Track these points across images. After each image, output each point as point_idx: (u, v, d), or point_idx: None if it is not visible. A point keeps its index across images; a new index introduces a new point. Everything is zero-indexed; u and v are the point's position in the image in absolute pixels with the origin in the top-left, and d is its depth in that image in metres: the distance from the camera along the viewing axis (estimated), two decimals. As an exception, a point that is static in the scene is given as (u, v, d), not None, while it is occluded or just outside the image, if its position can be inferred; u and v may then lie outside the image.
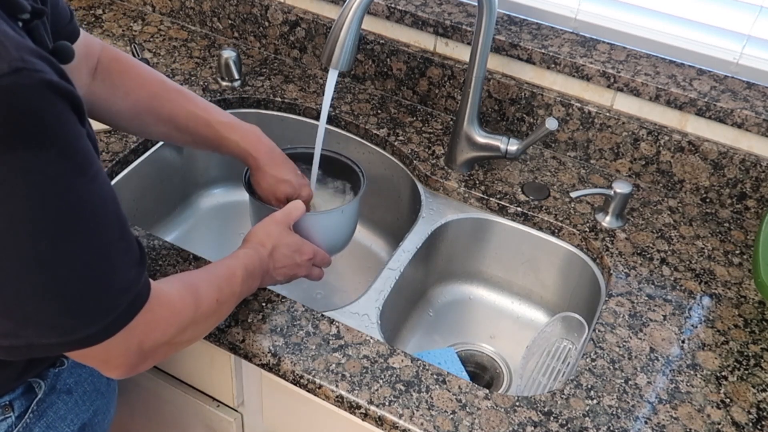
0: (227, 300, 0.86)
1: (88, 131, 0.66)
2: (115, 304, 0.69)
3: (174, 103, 1.01)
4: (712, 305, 1.04)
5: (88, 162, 0.64)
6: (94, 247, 0.66)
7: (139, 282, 0.71)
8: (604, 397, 0.90)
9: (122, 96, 0.98)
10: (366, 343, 0.93)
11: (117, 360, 0.73)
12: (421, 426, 0.85)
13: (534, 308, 1.26)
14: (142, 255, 0.73)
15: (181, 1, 1.47)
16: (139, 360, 0.74)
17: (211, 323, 0.85)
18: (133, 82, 0.99)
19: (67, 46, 0.70)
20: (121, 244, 0.69)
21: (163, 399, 1.12)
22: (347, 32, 0.97)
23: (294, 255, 0.97)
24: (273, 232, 0.95)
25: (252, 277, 0.90)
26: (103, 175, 0.67)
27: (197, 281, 0.83)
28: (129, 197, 1.22)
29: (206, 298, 0.81)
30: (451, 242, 1.21)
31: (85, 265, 0.65)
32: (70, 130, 0.62)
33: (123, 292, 0.69)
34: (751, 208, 1.18)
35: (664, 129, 1.18)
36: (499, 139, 1.16)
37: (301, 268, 0.98)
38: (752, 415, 0.90)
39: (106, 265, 0.67)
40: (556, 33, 1.25)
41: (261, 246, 0.93)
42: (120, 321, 0.70)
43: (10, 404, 0.80)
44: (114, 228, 0.68)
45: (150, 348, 0.74)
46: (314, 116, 1.32)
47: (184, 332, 0.78)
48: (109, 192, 0.68)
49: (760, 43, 1.15)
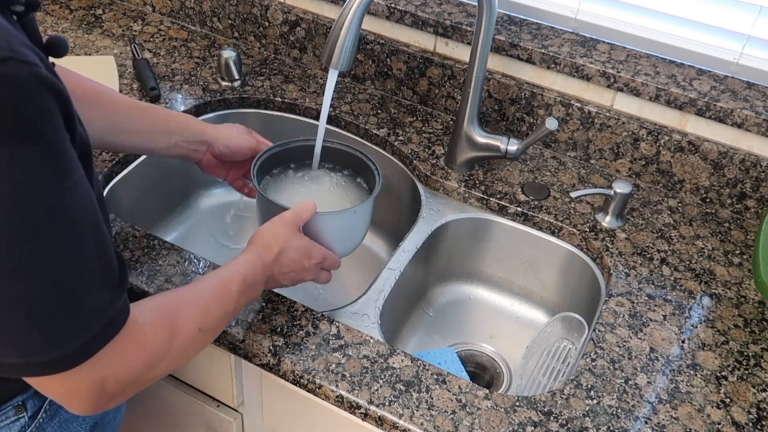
0: (214, 326, 0.80)
1: (80, 134, 0.63)
2: (85, 327, 0.63)
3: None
4: (712, 305, 1.04)
5: (70, 168, 0.60)
6: (67, 260, 0.61)
7: (114, 307, 0.66)
8: (604, 397, 0.90)
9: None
10: (366, 343, 0.93)
11: (81, 395, 0.67)
12: (421, 426, 0.85)
13: (534, 308, 1.26)
14: (122, 279, 0.67)
15: (181, 1, 1.47)
16: (104, 397, 0.68)
17: (191, 353, 0.79)
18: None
19: (62, 39, 0.67)
20: (98, 263, 0.64)
21: (163, 399, 1.13)
22: (347, 32, 0.97)
23: (302, 259, 0.92)
24: (281, 233, 0.91)
25: (253, 286, 0.86)
26: (85, 186, 0.63)
27: (179, 307, 0.76)
28: (129, 197, 1.22)
29: (185, 329, 0.75)
30: (451, 242, 1.21)
31: (55, 278, 0.60)
32: (56, 130, 0.58)
33: (94, 316, 0.64)
34: (751, 208, 1.18)
35: (664, 129, 1.18)
36: (499, 139, 1.16)
37: (308, 272, 0.94)
38: (752, 415, 0.90)
39: (78, 283, 0.62)
40: (556, 33, 1.25)
41: (266, 250, 0.89)
42: (88, 348, 0.64)
43: (23, 404, 0.79)
44: (90, 243, 0.63)
45: (114, 385, 0.68)
46: (314, 116, 1.32)
47: (154, 369, 0.72)
48: (88, 205, 0.63)
49: (760, 43, 1.15)
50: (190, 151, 1.06)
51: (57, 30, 1.43)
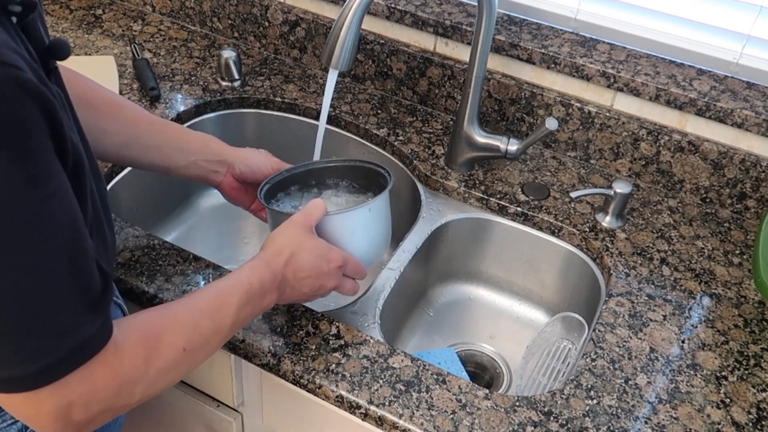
0: (203, 344, 0.74)
1: (73, 143, 0.61)
2: (50, 348, 0.59)
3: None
4: (712, 305, 1.04)
5: (45, 177, 0.56)
6: (31, 275, 0.57)
7: (89, 330, 0.61)
8: (604, 397, 0.90)
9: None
10: (366, 343, 0.93)
11: (47, 418, 0.62)
12: (421, 426, 0.85)
13: (534, 308, 1.26)
14: (102, 301, 0.63)
15: (181, 1, 1.47)
16: (70, 425, 0.63)
17: (173, 377, 0.72)
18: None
19: (64, 42, 0.65)
20: (71, 282, 0.59)
21: (163, 399, 1.13)
22: (347, 32, 0.97)
23: (319, 261, 0.84)
24: (292, 235, 0.85)
25: (260, 296, 0.80)
26: (64, 199, 0.59)
27: (164, 326, 0.71)
28: (129, 197, 1.22)
29: (167, 351, 0.70)
30: (451, 242, 1.21)
31: (18, 293, 0.57)
32: (33, 137, 0.55)
33: (62, 338, 0.59)
34: (751, 208, 1.18)
35: (664, 129, 1.18)
36: (499, 139, 1.16)
37: (329, 277, 0.86)
38: (752, 415, 0.90)
39: (43, 301, 0.58)
40: (556, 33, 1.25)
41: (276, 255, 0.83)
42: (53, 371, 0.60)
43: None
44: (63, 259, 0.59)
45: (82, 412, 0.63)
46: (314, 116, 1.32)
47: (127, 396, 0.67)
48: (66, 219, 0.59)
49: (760, 43, 1.15)
50: (209, 172, 1.01)
51: (57, 30, 1.43)
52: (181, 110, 1.27)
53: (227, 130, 1.35)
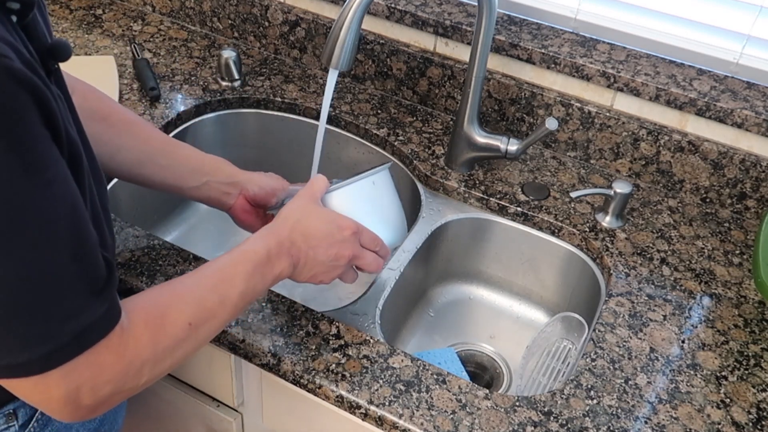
0: (209, 317, 0.74)
1: (69, 135, 0.61)
2: (55, 333, 0.60)
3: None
4: (712, 305, 1.04)
5: (43, 165, 0.57)
6: (35, 260, 0.57)
7: (93, 314, 0.62)
8: (604, 397, 0.90)
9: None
10: (366, 343, 0.93)
11: (57, 402, 0.63)
12: (421, 426, 0.85)
13: (534, 308, 1.26)
14: (108, 285, 0.63)
15: (181, 1, 1.47)
16: (81, 408, 0.64)
17: (180, 354, 0.72)
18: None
19: (65, 43, 0.65)
20: (74, 266, 0.60)
21: (163, 399, 1.13)
22: (347, 32, 0.97)
23: (329, 227, 0.81)
24: (297, 203, 0.83)
25: (267, 263, 0.78)
26: (63, 185, 0.59)
27: (168, 303, 0.71)
28: (129, 197, 1.22)
29: (172, 328, 0.70)
30: (451, 242, 1.21)
31: (21, 278, 0.57)
32: (28, 125, 0.55)
33: (67, 322, 0.60)
34: (751, 208, 1.18)
35: (664, 129, 1.18)
36: (499, 139, 1.16)
37: (344, 244, 0.82)
38: (752, 415, 0.90)
39: (46, 286, 0.59)
40: (556, 33, 1.25)
41: (282, 222, 0.81)
42: (59, 355, 0.61)
43: (14, 413, 0.75)
44: (65, 245, 0.59)
45: (90, 396, 0.64)
46: (314, 116, 1.32)
47: (136, 377, 0.67)
48: (65, 205, 0.59)
49: (760, 43, 1.15)
50: (221, 194, 1.01)
51: (57, 30, 1.43)
52: (181, 110, 1.27)
53: (227, 130, 1.35)
